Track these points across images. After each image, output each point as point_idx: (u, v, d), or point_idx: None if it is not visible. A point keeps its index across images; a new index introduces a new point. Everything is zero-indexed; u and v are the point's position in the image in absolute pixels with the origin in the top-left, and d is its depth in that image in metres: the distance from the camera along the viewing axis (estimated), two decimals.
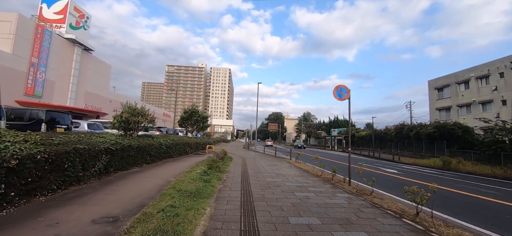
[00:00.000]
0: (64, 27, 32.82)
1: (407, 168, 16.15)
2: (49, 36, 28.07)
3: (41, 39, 26.36)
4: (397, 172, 13.18)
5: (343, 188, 7.21)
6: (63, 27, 32.84)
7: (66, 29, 34.56)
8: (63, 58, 31.33)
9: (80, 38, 36.21)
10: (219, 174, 8.27)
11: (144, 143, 9.72)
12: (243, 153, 21.80)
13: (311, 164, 14.60)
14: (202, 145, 20.14)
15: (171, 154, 13.12)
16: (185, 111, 21.41)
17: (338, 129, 57.23)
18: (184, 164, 11.05)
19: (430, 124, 23.70)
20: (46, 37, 27.42)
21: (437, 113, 29.12)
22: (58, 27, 32.67)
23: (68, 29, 35.15)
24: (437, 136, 22.03)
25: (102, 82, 43.16)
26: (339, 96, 7.94)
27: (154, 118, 11.59)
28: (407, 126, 28.86)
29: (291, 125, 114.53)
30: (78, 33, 36.38)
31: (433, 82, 30.38)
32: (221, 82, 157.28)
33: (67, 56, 32.54)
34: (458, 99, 26.51)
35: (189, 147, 16.20)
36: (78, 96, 33.81)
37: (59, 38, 30.67)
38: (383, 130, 36.12)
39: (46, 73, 27.15)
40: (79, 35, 36.20)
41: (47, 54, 27.51)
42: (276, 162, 14.61)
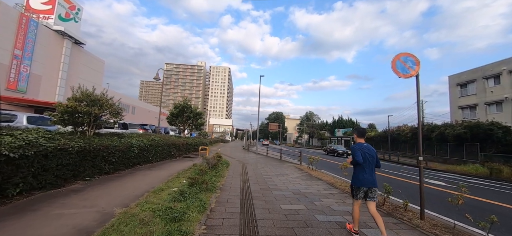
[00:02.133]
0: (52, 18, 30.26)
1: (448, 177, 13.06)
2: (35, 27, 25.29)
3: (26, 29, 23.66)
4: (445, 185, 10.08)
5: (422, 230, 4.12)
6: (52, 18, 30.27)
7: (55, 21, 32.00)
8: (51, 51, 28.67)
9: (70, 31, 33.72)
10: (204, 196, 5.16)
11: (97, 145, 6.60)
12: (242, 155, 18.70)
13: (328, 171, 11.53)
14: (194, 147, 17.02)
15: (148, 158, 10.01)
16: (175, 106, 18.28)
17: (343, 130, 54.23)
18: (160, 175, 7.93)
19: (458, 124, 20.68)
20: (32, 28, 24.62)
21: (460, 112, 26.08)
22: (46, 18, 30.09)
23: (57, 21, 32.54)
24: (468, 138, 18.98)
25: (94, 79, 40.54)
26: (402, 71, 4.86)
27: (121, 110, 8.49)
28: (427, 126, 25.80)
29: (292, 125, 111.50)
30: (68, 25, 33.83)
31: (455, 77, 27.31)
32: (221, 81, 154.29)
33: (55, 49, 29.96)
34: (486, 95, 23.46)
35: (175, 149, 13.08)
36: (67, 92, 30.91)
37: (46, 30, 28.00)
38: (396, 131, 33.04)
39: (31, 67, 24.52)
40: (69, 27, 33.68)
41: (33, 46, 24.83)
42: (285, 169, 11.50)
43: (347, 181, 7.88)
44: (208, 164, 7.98)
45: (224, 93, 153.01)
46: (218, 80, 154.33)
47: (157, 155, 10.77)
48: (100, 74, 44.81)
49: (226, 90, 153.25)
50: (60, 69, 30.52)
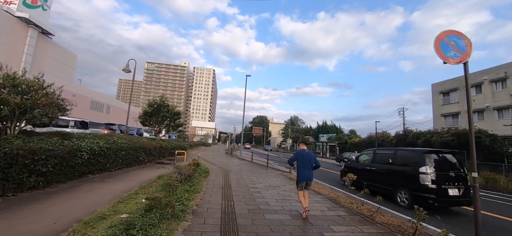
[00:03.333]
0: (15, 4, 26.68)
1: None
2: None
3: None
4: None
5: None
6: (15, 3, 26.67)
7: (18, 6, 28.33)
8: (12, 40, 25.23)
9: (36, 19, 30.10)
10: (165, 230, 3.41)
11: (14, 148, 4.59)
12: (225, 161, 16.90)
13: (320, 181, 10.15)
14: (170, 151, 14.94)
15: (105, 165, 7.96)
16: (150, 104, 16.10)
17: (327, 135, 54.17)
18: (114, 190, 6.00)
19: (445, 131, 20.58)
20: None
21: (443, 120, 26.43)
22: (8, 3, 26.43)
23: (21, 7, 28.87)
24: (455, 145, 18.78)
25: (64, 73, 36.77)
26: (446, 53, 3.54)
27: (63, 103, 6.47)
28: (412, 132, 25.77)
29: (276, 130, 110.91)
30: (35, 13, 30.19)
31: (438, 85, 27.76)
32: (205, 83, 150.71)
33: (17, 38, 26.51)
34: None
35: (145, 153, 11.03)
36: None
37: (6, 16, 24.58)
38: (381, 137, 33.01)
39: None
40: (35, 15, 30.06)
41: None
42: (274, 178, 9.94)
43: (353, 197, 6.48)
44: (181, 174, 6.17)
45: (208, 95, 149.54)
46: (202, 82, 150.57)
47: (118, 161, 8.71)
48: (71, 68, 40.84)
49: (210, 92, 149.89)
50: (22, 61, 27.10)
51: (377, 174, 7.93)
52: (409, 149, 8.16)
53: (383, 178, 7.65)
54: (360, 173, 8.16)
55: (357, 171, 8.14)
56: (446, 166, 6.85)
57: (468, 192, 6.54)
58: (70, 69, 40.06)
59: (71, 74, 40.16)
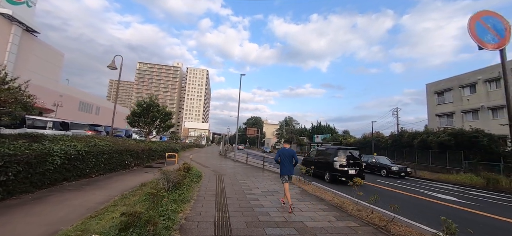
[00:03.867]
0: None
1: (448, 189, 11.89)
2: None
3: None
4: (458, 201, 8.65)
5: None
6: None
7: (1, 2, 27.09)
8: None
9: (20, 16, 28.81)
10: None
11: None
12: (218, 163, 16.13)
13: (321, 184, 9.52)
14: (160, 153, 14.06)
15: (84, 171, 7.11)
16: (138, 103, 15.17)
17: (321, 136, 54.01)
18: (90, 201, 5.19)
19: (442, 131, 20.45)
20: None
21: (437, 120, 26.42)
22: None
23: (4, 3, 27.59)
24: (452, 145, 18.65)
25: (50, 72, 35.30)
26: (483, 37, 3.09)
27: (31, 101, 5.65)
28: (408, 133, 25.66)
29: (270, 131, 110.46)
30: (18, 9, 28.97)
31: (432, 85, 27.78)
32: (198, 84, 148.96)
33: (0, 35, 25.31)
34: (463, 104, 23.90)
35: (132, 156, 10.16)
36: None
37: None
38: (376, 137, 32.90)
39: None
40: (19, 11, 28.82)
41: None
42: (272, 183, 9.28)
43: (360, 203, 5.88)
44: (168, 181, 5.42)
45: (201, 96, 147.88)
46: (195, 82, 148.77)
47: (100, 166, 7.85)
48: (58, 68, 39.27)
49: (203, 93, 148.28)
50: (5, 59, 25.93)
51: (317, 163, 11.67)
52: (330, 147, 12.91)
53: (320, 165, 11.40)
54: (311, 163, 11.63)
55: (310, 163, 11.89)
56: (349, 157, 10.69)
57: (361, 172, 10.64)
58: (57, 69, 38.42)
59: (58, 73, 38.53)
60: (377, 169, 16.49)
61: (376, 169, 16.64)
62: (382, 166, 16.22)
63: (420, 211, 6.63)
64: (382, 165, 16.36)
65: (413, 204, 7.58)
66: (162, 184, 5.22)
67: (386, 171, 15.68)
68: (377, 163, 16.86)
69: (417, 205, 7.45)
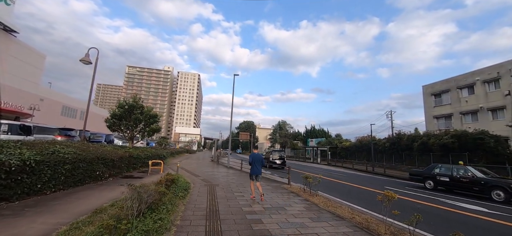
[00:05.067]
0: None
1: (466, 194, 10.85)
2: None
3: None
4: (490, 212, 7.52)
5: None
6: None
7: None
8: None
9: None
10: None
11: None
12: (210, 171, 14.57)
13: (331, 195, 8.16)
14: (143, 160, 12.37)
15: (34, 186, 5.50)
16: (120, 104, 13.46)
17: (316, 140, 53.10)
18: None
19: (443, 133, 19.75)
20: None
21: (435, 122, 25.91)
22: None
23: None
24: (456, 148, 17.89)
25: (30, 75, 32.69)
26: None
27: None
28: (407, 135, 24.96)
29: (263, 135, 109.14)
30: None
31: (429, 87, 27.32)
32: (189, 88, 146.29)
33: None
34: (461, 105, 23.44)
35: (105, 165, 8.51)
36: None
37: None
38: (372, 140, 32.15)
39: None
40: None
41: None
42: (274, 195, 7.89)
43: (397, 225, 4.57)
44: (140, 202, 3.92)
45: (193, 100, 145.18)
46: (186, 87, 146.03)
47: (59, 179, 6.22)
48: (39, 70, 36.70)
49: (194, 97, 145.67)
50: None
51: (267, 159, 19.77)
52: (273, 150, 24.70)
53: (268, 160, 19.65)
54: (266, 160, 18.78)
55: (266, 159, 19.53)
56: (277, 154, 20.78)
57: (284, 163, 19.40)
58: (38, 71, 35.93)
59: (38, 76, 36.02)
60: (479, 188, 9.92)
61: (474, 186, 10.13)
62: (494, 184, 9.54)
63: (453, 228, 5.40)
64: (491, 182, 9.77)
65: (442, 218, 6.36)
66: (130, 207, 3.73)
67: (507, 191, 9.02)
68: (476, 178, 10.19)
69: (448, 219, 6.23)
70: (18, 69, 30.73)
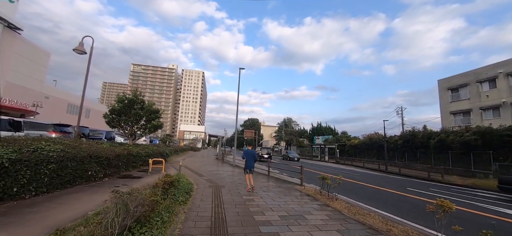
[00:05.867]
0: None
1: (500, 198, 9.69)
2: None
3: None
4: None
5: None
6: None
7: None
8: None
9: (1, 11, 26.21)
10: None
11: None
12: (215, 170, 13.70)
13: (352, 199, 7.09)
14: (143, 158, 11.55)
15: (9, 190, 4.64)
16: (119, 99, 12.66)
17: (323, 137, 51.84)
18: None
19: (465, 130, 18.42)
20: None
21: (452, 118, 24.47)
22: None
23: None
24: (479, 145, 16.59)
25: (35, 72, 32.43)
26: None
27: None
28: (422, 132, 23.62)
29: (268, 133, 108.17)
30: None
31: (445, 81, 25.81)
32: (194, 85, 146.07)
33: None
34: (481, 100, 21.95)
35: (99, 164, 7.68)
36: None
37: None
38: (383, 138, 30.84)
39: None
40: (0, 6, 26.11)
41: None
42: (289, 198, 6.92)
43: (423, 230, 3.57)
44: (125, 215, 3.02)
45: (197, 98, 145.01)
46: (190, 84, 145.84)
47: (41, 180, 5.39)
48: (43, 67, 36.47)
49: (199, 95, 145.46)
50: None
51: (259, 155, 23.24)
52: (261, 147, 34.75)
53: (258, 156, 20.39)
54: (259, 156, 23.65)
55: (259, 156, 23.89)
56: (265, 150, 30.18)
57: (270, 157, 26.92)
58: (42, 68, 35.72)
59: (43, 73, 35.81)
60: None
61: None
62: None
63: None
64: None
65: None
66: (112, 222, 2.83)
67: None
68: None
69: None
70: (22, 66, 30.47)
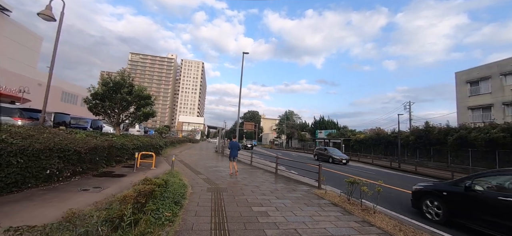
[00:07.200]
0: None
1: None
2: None
3: None
4: None
5: None
6: None
7: None
8: None
9: None
10: None
11: None
12: (215, 165, 12.02)
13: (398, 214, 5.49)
14: (130, 151, 9.81)
15: None
16: (103, 81, 10.82)
17: (325, 131, 50.20)
18: None
19: (490, 126, 16.76)
20: None
21: (470, 113, 22.78)
22: None
23: None
24: (507, 143, 14.97)
25: (26, 58, 30.38)
26: None
27: None
28: (438, 128, 21.95)
29: (268, 126, 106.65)
30: None
31: (464, 74, 23.95)
32: (193, 76, 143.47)
33: None
34: (505, 94, 20.20)
35: (63, 160, 5.93)
36: None
37: None
38: (392, 134, 29.20)
39: None
40: None
41: None
42: (322, 217, 5.22)
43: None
44: None
45: (197, 89, 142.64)
46: (190, 75, 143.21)
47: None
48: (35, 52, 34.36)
49: (198, 85, 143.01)
50: None
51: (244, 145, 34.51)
52: (246, 139, 56.88)
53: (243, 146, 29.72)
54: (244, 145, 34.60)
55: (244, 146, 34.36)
56: (249, 141, 46.28)
57: (252, 147, 35.58)
58: (34, 54, 33.67)
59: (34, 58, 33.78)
60: None
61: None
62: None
63: None
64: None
65: None
66: None
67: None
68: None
69: None
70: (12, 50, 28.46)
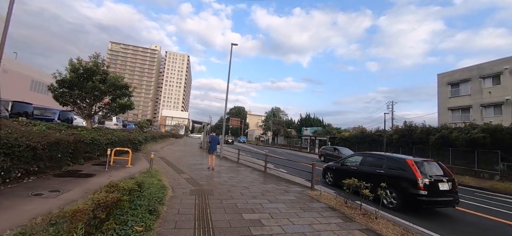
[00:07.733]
0: None
1: None
2: None
3: None
4: None
5: None
6: None
7: None
8: None
9: None
10: None
11: None
12: (199, 163, 11.14)
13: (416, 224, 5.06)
14: (103, 147, 8.66)
15: None
16: (72, 67, 9.48)
17: (311, 128, 50.61)
18: None
19: (470, 127, 17.30)
20: None
21: (450, 114, 23.65)
22: None
23: None
24: (487, 143, 15.48)
25: None
26: None
27: None
28: (421, 128, 22.52)
29: (254, 122, 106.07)
30: None
31: (446, 76, 24.79)
32: (178, 69, 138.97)
33: None
34: (483, 97, 21.11)
35: (13, 157, 4.82)
36: None
37: None
38: (376, 132, 29.76)
39: None
40: None
41: None
42: (322, 225, 4.59)
43: None
44: None
45: (181, 82, 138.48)
46: (175, 68, 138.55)
47: None
48: None
49: (183, 79, 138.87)
50: None
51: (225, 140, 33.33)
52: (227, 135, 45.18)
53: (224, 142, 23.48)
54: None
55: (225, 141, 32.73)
56: (230, 138, 45.15)
57: (233, 142, 43.93)
58: None
59: None
60: None
61: None
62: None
63: None
64: None
65: None
66: None
67: None
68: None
69: None
70: None
